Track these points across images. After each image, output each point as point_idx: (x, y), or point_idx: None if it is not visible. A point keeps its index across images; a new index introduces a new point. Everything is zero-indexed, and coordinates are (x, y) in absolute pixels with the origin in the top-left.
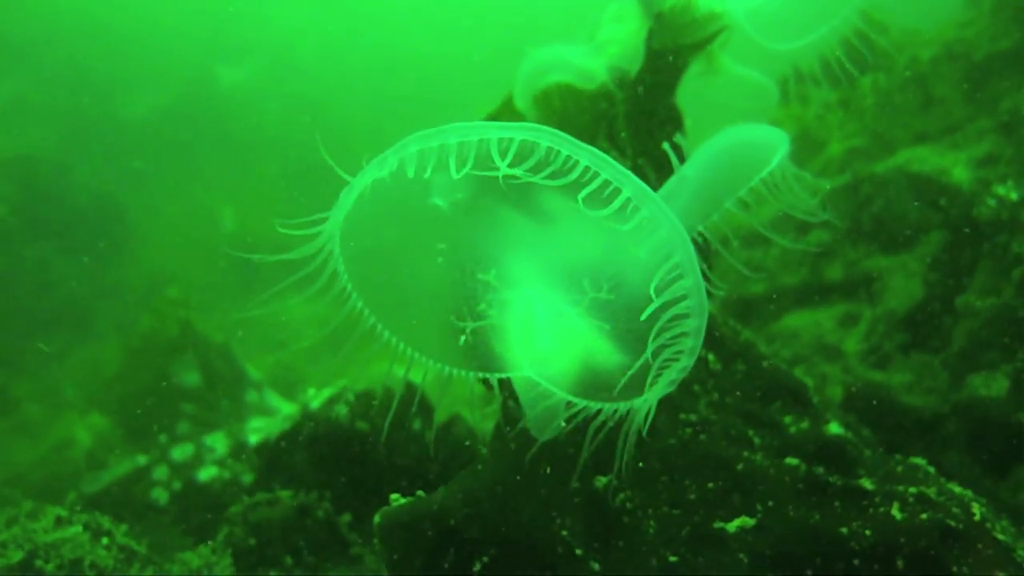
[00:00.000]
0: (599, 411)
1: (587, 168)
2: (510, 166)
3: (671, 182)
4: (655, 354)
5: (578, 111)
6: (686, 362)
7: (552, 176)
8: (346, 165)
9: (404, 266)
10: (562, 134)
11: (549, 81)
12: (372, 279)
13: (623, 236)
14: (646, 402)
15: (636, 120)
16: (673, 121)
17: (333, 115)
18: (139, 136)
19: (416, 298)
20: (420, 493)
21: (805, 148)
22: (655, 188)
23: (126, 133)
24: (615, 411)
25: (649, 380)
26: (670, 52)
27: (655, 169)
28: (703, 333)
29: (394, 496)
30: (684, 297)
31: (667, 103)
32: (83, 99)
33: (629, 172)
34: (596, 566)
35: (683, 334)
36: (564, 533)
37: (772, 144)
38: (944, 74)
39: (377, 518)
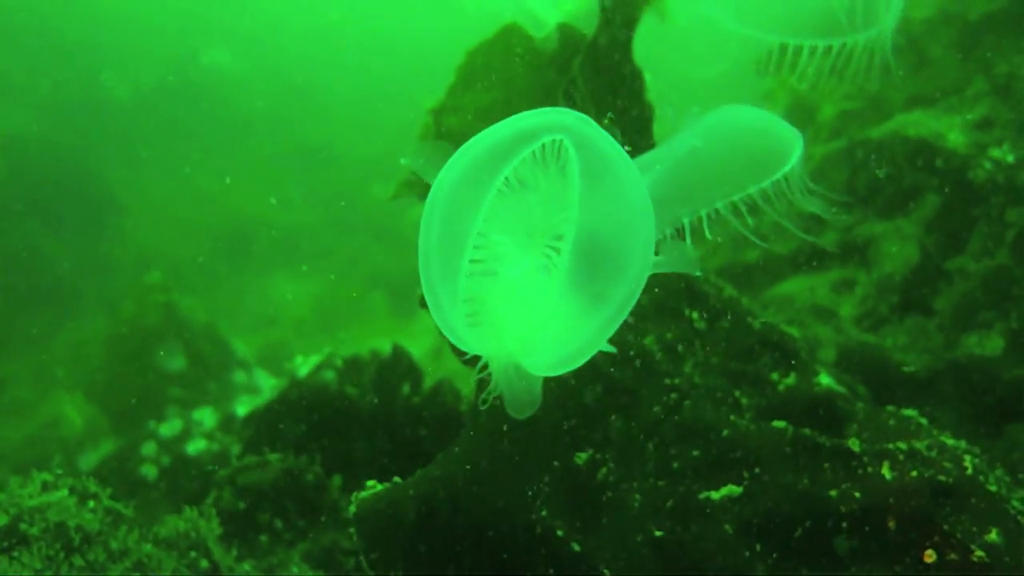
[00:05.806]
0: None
1: None
2: None
3: (679, 149)
4: None
5: (535, 68)
6: None
7: None
8: (333, 145)
9: None
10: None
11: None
12: None
13: None
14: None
15: (595, 78)
16: (635, 78)
17: (319, 96)
18: (124, 115)
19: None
20: (396, 480)
21: (799, 117)
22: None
23: (111, 112)
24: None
25: None
26: (622, 6)
27: (620, 127)
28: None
29: (370, 483)
30: None
31: (627, 60)
32: (68, 79)
33: None
34: (576, 547)
35: None
36: (543, 513)
37: (788, 143)
38: (938, 35)
39: (352, 508)
